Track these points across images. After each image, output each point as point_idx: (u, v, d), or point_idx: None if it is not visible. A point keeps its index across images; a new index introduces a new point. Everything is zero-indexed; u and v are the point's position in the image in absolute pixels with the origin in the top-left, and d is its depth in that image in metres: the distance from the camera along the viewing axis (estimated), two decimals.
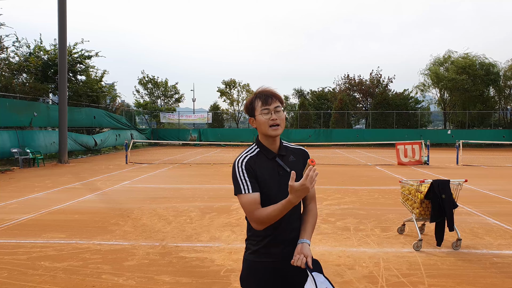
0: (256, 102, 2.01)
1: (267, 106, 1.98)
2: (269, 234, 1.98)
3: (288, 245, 1.99)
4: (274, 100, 1.99)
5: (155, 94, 39.63)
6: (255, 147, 2.07)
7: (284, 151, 2.06)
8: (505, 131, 32.04)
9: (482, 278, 4.21)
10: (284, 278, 2.00)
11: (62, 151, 17.13)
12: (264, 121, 1.98)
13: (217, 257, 4.85)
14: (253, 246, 2.04)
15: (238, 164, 2.00)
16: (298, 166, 2.03)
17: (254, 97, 2.04)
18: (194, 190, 9.87)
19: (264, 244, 1.99)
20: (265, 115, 1.98)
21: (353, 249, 5.15)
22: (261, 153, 2.03)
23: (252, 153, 2.04)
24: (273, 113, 1.97)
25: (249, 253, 2.06)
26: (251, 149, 2.07)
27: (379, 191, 9.68)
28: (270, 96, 2.00)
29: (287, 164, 2.02)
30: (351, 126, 36.60)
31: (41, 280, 4.14)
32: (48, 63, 22.41)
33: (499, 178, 12.58)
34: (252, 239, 2.04)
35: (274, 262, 1.99)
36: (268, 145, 2.03)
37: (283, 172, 1.99)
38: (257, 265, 2.01)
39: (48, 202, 8.30)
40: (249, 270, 2.04)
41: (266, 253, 1.99)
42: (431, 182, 5.13)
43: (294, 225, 2.04)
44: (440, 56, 35.90)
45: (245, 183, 1.94)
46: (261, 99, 2.00)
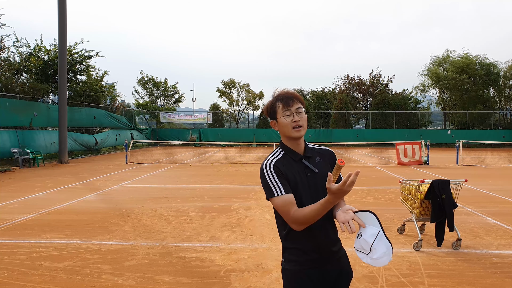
0: (277, 105, 1.99)
1: (289, 108, 1.96)
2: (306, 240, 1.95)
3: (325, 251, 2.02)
4: (295, 102, 1.98)
5: (155, 94, 39.65)
6: (280, 150, 2.04)
7: (310, 152, 2.04)
8: (505, 131, 32.04)
9: (482, 278, 4.21)
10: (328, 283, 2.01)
11: (62, 151, 17.13)
12: (286, 123, 1.95)
13: (217, 257, 4.85)
14: (291, 255, 1.99)
15: (267, 168, 1.95)
16: (326, 167, 2.02)
17: (274, 100, 2.02)
18: (194, 190, 9.87)
19: (302, 252, 1.96)
20: (287, 117, 1.96)
21: (353, 249, 5.14)
22: (287, 156, 2.00)
23: (278, 156, 2.01)
24: (295, 114, 1.96)
25: (288, 261, 2.00)
26: (276, 152, 2.03)
27: (379, 191, 9.68)
28: (291, 98, 1.98)
29: (314, 166, 2.00)
30: (351, 126, 36.60)
31: (41, 280, 4.14)
32: (48, 63, 22.41)
33: (499, 178, 12.58)
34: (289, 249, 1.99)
35: (315, 270, 1.97)
36: (293, 147, 2.01)
37: (311, 173, 1.97)
38: (299, 275, 1.97)
39: (48, 202, 8.30)
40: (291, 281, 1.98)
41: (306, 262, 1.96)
42: (431, 182, 5.13)
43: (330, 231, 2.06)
44: (439, 56, 35.95)
45: (276, 186, 1.90)
46: (282, 102, 1.98)
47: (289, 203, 1.86)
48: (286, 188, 1.89)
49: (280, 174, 1.92)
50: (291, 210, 1.85)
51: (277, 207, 1.89)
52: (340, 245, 2.13)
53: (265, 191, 1.94)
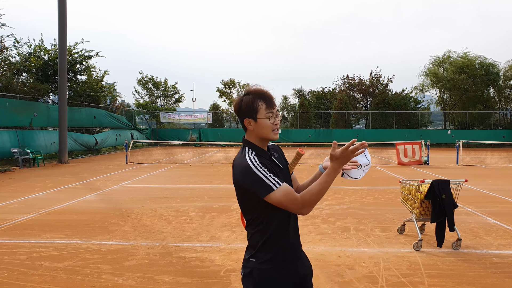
0: (259, 104, 1.89)
1: (272, 110, 1.91)
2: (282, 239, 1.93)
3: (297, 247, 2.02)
4: (275, 104, 1.95)
5: (155, 94, 39.66)
6: (249, 149, 1.95)
7: (270, 150, 2.06)
8: (505, 131, 32.04)
9: (482, 278, 4.21)
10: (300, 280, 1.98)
11: (62, 151, 17.13)
12: (269, 125, 1.90)
13: (217, 257, 4.85)
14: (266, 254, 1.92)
15: (254, 163, 1.85)
16: (283, 161, 2.07)
17: (253, 97, 1.91)
18: (194, 190, 9.87)
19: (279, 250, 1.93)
20: (271, 119, 1.91)
21: (353, 249, 5.15)
22: (257, 155, 1.93)
23: (253, 153, 1.92)
24: (277, 117, 1.94)
25: (263, 262, 1.92)
26: (248, 151, 1.94)
27: (379, 191, 9.68)
28: (272, 99, 1.94)
29: (278, 162, 2.03)
30: (351, 126, 36.60)
31: (41, 280, 4.14)
32: (49, 63, 22.42)
33: (499, 178, 12.58)
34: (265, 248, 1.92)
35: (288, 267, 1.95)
36: (262, 146, 1.98)
37: (279, 170, 1.98)
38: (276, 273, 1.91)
39: (48, 202, 8.30)
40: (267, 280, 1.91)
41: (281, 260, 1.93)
42: (431, 182, 5.13)
43: (297, 227, 2.05)
44: (439, 56, 35.95)
45: (272, 179, 1.80)
46: (265, 101, 1.90)
47: (291, 190, 1.80)
48: (280, 179, 1.82)
49: (267, 167, 1.85)
50: (297, 196, 1.79)
51: (279, 200, 1.78)
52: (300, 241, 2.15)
53: (258, 190, 1.80)
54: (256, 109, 1.90)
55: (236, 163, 1.94)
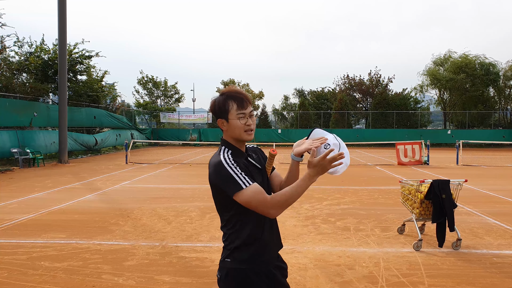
0: (230, 105, 1.91)
1: (243, 111, 1.91)
2: (258, 238, 1.92)
3: (274, 246, 2.02)
4: (248, 104, 1.94)
5: (155, 94, 39.65)
6: (225, 148, 1.96)
7: (248, 151, 2.07)
8: (505, 131, 32.04)
9: (482, 278, 4.21)
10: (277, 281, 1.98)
11: (62, 151, 17.12)
12: (240, 126, 1.91)
13: (217, 257, 4.84)
14: (244, 254, 1.91)
15: (227, 160, 1.86)
16: (262, 162, 2.07)
17: (225, 97, 1.93)
18: (194, 190, 9.87)
19: (256, 250, 1.92)
20: (242, 120, 1.91)
21: (353, 249, 5.15)
22: (233, 154, 1.94)
23: (228, 153, 1.94)
24: (248, 118, 1.93)
25: (239, 262, 1.91)
26: (224, 150, 1.96)
27: (379, 191, 9.68)
28: (245, 100, 1.93)
29: (256, 162, 2.03)
30: (351, 126, 36.60)
31: (41, 280, 4.14)
32: (48, 63, 22.41)
33: (499, 178, 12.58)
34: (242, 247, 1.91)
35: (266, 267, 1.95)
36: (240, 147, 2.00)
37: (257, 170, 1.99)
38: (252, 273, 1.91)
39: (48, 202, 8.30)
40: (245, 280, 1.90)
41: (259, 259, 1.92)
42: (431, 182, 5.13)
43: (275, 226, 2.06)
44: (441, 56, 35.94)
45: (242, 177, 1.80)
46: (236, 102, 1.91)
47: (261, 190, 1.78)
48: (251, 179, 1.82)
49: (240, 166, 1.86)
50: (266, 196, 1.77)
51: (248, 199, 1.76)
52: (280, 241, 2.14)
53: (227, 187, 1.80)
54: (227, 109, 1.92)
55: (211, 162, 1.96)
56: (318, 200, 8.42)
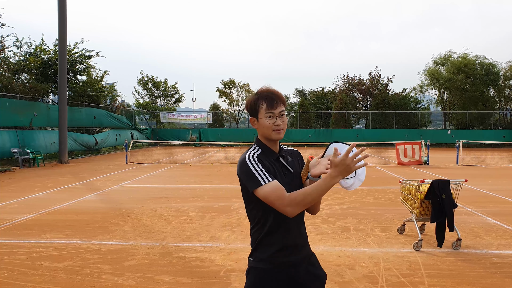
0: (261, 104, 1.93)
1: (272, 110, 1.92)
2: (283, 238, 1.92)
3: (300, 250, 1.97)
4: (279, 104, 1.93)
5: (155, 94, 39.65)
6: (257, 147, 2.00)
7: (284, 152, 2.05)
8: (505, 131, 32.04)
9: (482, 278, 4.21)
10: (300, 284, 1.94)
11: (62, 151, 17.12)
12: (268, 125, 1.92)
13: (217, 257, 4.85)
14: (263, 253, 1.93)
15: (250, 158, 1.89)
16: (297, 166, 2.03)
17: (257, 97, 1.96)
18: (194, 190, 9.87)
19: (277, 249, 1.91)
20: (270, 120, 1.92)
21: (353, 249, 5.15)
22: (264, 154, 1.97)
23: (258, 152, 1.97)
24: (277, 118, 1.92)
25: (260, 261, 1.93)
26: (254, 149, 1.99)
27: (379, 191, 9.68)
28: (275, 100, 1.93)
29: (289, 165, 2.00)
30: (351, 126, 36.60)
31: (41, 280, 4.14)
32: (48, 63, 22.41)
33: (499, 178, 12.58)
34: (263, 245, 1.94)
35: (289, 268, 1.92)
36: (271, 146, 2.00)
37: (287, 172, 1.96)
38: (271, 273, 1.91)
39: (48, 202, 8.30)
40: (262, 280, 1.91)
41: (280, 260, 1.92)
42: (431, 182, 5.13)
43: (302, 229, 2.02)
44: (441, 56, 35.93)
45: (262, 174, 1.82)
46: (266, 102, 1.93)
47: (280, 187, 1.79)
48: (272, 177, 1.83)
49: (264, 165, 1.88)
50: (284, 193, 1.77)
51: (266, 195, 1.79)
52: (309, 246, 2.08)
53: (248, 183, 1.85)
54: (257, 109, 1.95)
55: (239, 159, 2.00)
56: None
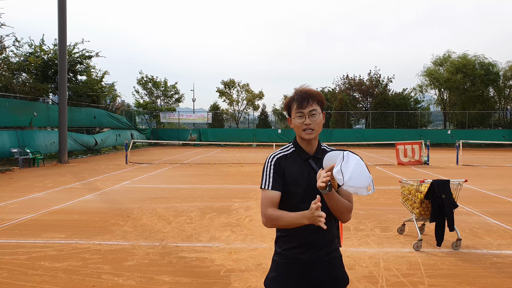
0: (293, 104, 1.97)
1: (302, 110, 1.93)
2: (291, 234, 1.95)
3: (317, 249, 1.96)
4: (310, 104, 1.93)
5: (155, 94, 39.63)
6: (291, 146, 2.05)
7: (321, 154, 2.00)
8: (505, 131, 32.03)
9: (482, 278, 4.21)
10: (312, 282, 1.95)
11: (62, 151, 17.13)
12: (298, 125, 1.95)
13: (217, 257, 4.85)
14: (279, 248, 2.02)
15: (269, 160, 2.00)
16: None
17: (291, 97, 2.00)
18: (194, 190, 9.87)
19: (292, 246, 1.96)
20: (299, 119, 1.94)
21: (353, 249, 5.15)
22: (295, 153, 2.00)
23: (287, 152, 2.02)
24: (307, 117, 1.92)
25: (276, 254, 2.03)
26: (286, 147, 2.05)
27: (379, 191, 9.67)
28: (306, 99, 1.94)
29: (320, 167, 1.95)
30: (351, 126, 36.60)
31: (41, 280, 4.14)
32: (48, 63, 22.41)
33: (499, 178, 12.58)
34: (280, 240, 2.02)
35: (302, 265, 1.94)
36: (304, 146, 2.00)
37: (314, 174, 1.94)
38: (284, 267, 1.97)
39: (48, 202, 8.30)
40: (275, 271, 2.01)
41: (293, 256, 1.96)
42: (431, 182, 5.13)
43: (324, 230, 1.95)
44: (440, 56, 35.94)
45: (268, 179, 1.95)
46: (297, 102, 1.95)
47: (270, 200, 1.91)
48: (275, 186, 1.92)
49: (278, 170, 1.95)
50: (268, 206, 1.90)
51: (262, 199, 1.95)
52: (335, 248, 2.06)
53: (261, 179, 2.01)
54: (290, 108, 2.00)
55: None
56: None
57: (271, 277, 2.01)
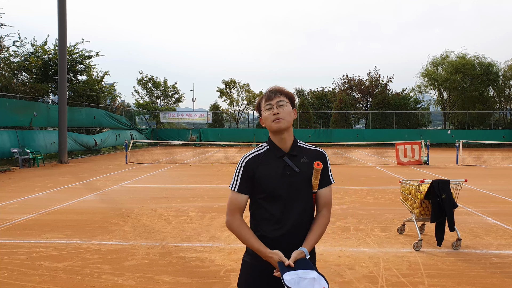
0: (262, 101, 2.01)
1: (270, 102, 1.96)
2: (272, 237, 1.94)
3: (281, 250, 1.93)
4: (277, 95, 1.97)
5: (155, 94, 39.63)
6: (265, 144, 2.04)
7: (297, 151, 1.99)
8: (505, 131, 32.04)
9: (482, 278, 4.21)
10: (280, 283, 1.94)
11: (62, 151, 17.12)
12: (267, 116, 1.96)
13: (217, 257, 4.85)
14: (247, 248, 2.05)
15: (240, 161, 2.02)
16: (310, 168, 1.97)
17: (262, 96, 2.05)
18: (194, 190, 9.87)
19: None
20: (268, 111, 1.96)
21: (353, 249, 5.15)
22: (270, 151, 1.99)
23: (260, 151, 2.02)
24: (275, 107, 1.93)
25: (247, 254, 2.04)
26: (261, 146, 2.05)
27: (379, 191, 9.68)
28: (274, 92, 1.98)
29: (297, 165, 1.95)
30: (351, 126, 36.61)
31: (41, 280, 4.14)
32: (49, 63, 22.40)
33: (499, 178, 12.58)
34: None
35: (267, 264, 1.92)
36: (278, 143, 1.98)
37: (291, 172, 1.93)
38: (254, 267, 1.98)
39: (48, 202, 8.30)
40: (246, 270, 2.03)
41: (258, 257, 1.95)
42: (431, 182, 5.13)
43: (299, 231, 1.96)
44: (437, 56, 35.96)
45: (236, 181, 2.00)
46: (265, 96, 2.00)
47: (235, 203, 1.98)
48: (242, 188, 1.97)
49: (247, 172, 1.97)
50: (235, 212, 1.98)
51: (228, 200, 2.02)
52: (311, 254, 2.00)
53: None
54: (260, 106, 2.03)
55: None
56: None
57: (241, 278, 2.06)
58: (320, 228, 1.98)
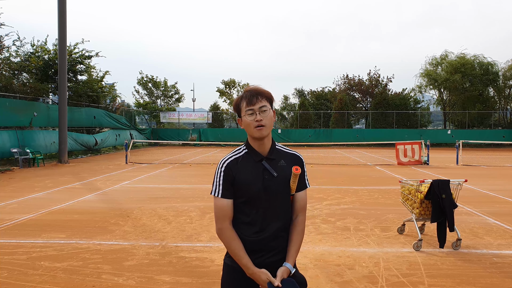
0: (242, 103, 1.94)
1: (252, 107, 1.89)
2: (251, 241, 1.92)
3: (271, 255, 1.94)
4: (259, 100, 1.90)
5: (155, 94, 39.63)
6: (244, 148, 1.99)
7: (275, 154, 1.98)
8: (505, 131, 32.03)
9: (482, 278, 4.21)
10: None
11: (62, 151, 17.12)
12: (249, 122, 1.90)
13: (217, 257, 4.85)
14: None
15: (220, 165, 1.95)
16: (288, 171, 1.96)
17: (240, 97, 1.97)
18: (194, 190, 9.87)
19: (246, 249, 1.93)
20: (250, 116, 1.89)
21: (353, 249, 5.15)
22: (248, 155, 1.95)
23: (238, 154, 1.97)
24: (258, 113, 1.88)
25: (227, 257, 2.00)
26: (238, 149, 1.99)
27: (379, 191, 9.68)
28: (255, 95, 1.91)
29: (275, 169, 1.93)
30: (351, 126, 36.60)
31: (41, 280, 4.14)
32: (49, 63, 22.40)
33: (499, 178, 12.58)
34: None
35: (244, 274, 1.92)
36: (256, 147, 1.95)
37: (269, 176, 1.91)
38: (234, 270, 1.95)
39: (48, 202, 8.30)
40: (228, 274, 1.99)
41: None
42: (431, 182, 5.13)
43: (280, 234, 1.96)
44: (436, 57, 35.94)
45: (218, 187, 1.92)
46: (246, 99, 1.92)
47: (222, 209, 1.91)
48: (225, 193, 1.91)
49: (228, 176, 1.91)
50: (224, 220, 1.91)
51: (214, 207, 1.94)
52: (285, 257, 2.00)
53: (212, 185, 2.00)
54: (240, 108, 1.96)
55: None
56: (318, 200, 8.42)
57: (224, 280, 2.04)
58: (300, 237, 2.01)
